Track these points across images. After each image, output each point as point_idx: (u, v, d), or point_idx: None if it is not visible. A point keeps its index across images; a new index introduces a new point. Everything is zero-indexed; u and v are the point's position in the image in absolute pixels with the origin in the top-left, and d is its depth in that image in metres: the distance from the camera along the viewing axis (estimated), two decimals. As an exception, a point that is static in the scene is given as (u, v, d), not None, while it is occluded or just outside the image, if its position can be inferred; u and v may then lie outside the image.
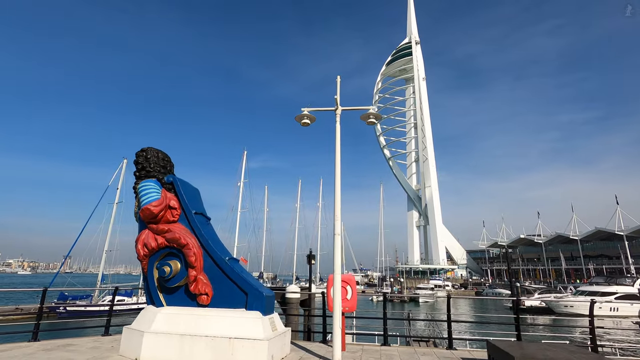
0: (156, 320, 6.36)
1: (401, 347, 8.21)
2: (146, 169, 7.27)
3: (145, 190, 6.90)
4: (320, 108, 7.61)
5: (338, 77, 7.75)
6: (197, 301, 6.56)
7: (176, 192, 7.23)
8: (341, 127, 7.35)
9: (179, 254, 6.71)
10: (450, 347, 7.87)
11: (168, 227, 6.80)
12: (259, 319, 6.12)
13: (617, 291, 40.24)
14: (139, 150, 7.51)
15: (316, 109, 7.60)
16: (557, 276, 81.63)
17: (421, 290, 60.73)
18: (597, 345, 7.30)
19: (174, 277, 6.64)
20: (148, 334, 6.16)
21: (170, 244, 6.72)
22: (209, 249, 6.80)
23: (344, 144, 7.33)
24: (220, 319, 6.20)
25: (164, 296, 6.80)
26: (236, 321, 6.12)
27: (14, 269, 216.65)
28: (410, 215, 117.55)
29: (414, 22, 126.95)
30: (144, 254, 6.85)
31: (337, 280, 6.42)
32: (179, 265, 6.68)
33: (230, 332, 5.96)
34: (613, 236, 73.52)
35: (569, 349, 5.76)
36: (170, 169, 7.78)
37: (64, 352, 6.68)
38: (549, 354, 5.29)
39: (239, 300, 6.50)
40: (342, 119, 7.43)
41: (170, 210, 7.04)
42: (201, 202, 7.79)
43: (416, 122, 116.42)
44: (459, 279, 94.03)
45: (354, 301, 7.51)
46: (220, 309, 6.45)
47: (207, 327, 6.10)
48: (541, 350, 5.52)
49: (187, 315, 6.37)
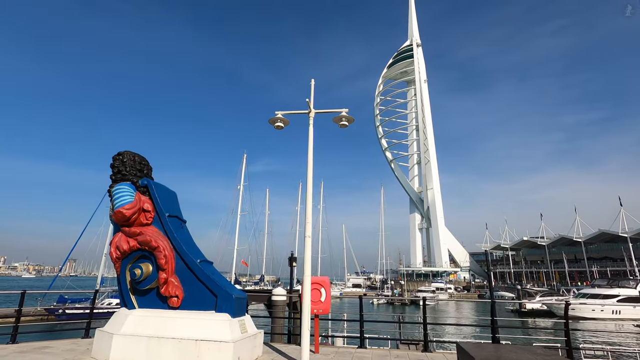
0: (126, 323, 6.41)
1: (376, 349, 8.20)
2: (122, 172, 7.35)
3: (119, 194, 6.97)
4: (294, 111, 7.66)
5: (312, 81, 7.82)
6: (168, 303, 6.61)
7: (151, 195, 7.29)
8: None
9: (151, 256, 6.76)
10: (425, 350, 7.85)
11: (140, 230, 6.86)
12: (226, 321, 6.15)
13: (619, 294, 39.81)
14: (116, 154, 7.59)
15: (290, 112, 7.65)
16: (560, 279, 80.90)
17: (422, 293, 60.41)
18: (573, 347, 7.24)
19: (145, 279, 6.69)
20: (117, 336, 6.21)
21: (142, 246, 6.78)
22: (181, 251, 6.85)
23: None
24: (189, 321, 6.24)
25: (136, 298, 6.86)
26: (204, 323, 6.16)
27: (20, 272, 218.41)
28: (413, 218, 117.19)
29: (415, 25, 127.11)
30: (116, 257, 6.91)
31: (306, 283, 6.44)
32: (150, 267, 6.73)
33: (197, 334, 5.99)
34: (617, 238, 72.84)
35: (535, 351, 5.72)
36: (148, 172, 7.85)
37: (38, 355, 6.74)
38: (512, 356, 5.27)
39: (209, 303, 6.54)
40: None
41: (144, 213, 7.11)
42: (177, 205, 7.84)
43: (418, 125, 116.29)
44: (461, 281, 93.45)
45: (327, 304, 7.52)
46: (190, 311, 6.50)
47: (175, 329, 6.14)
48: (505, 352, 5.49)
49: (156, 318, 6.41)
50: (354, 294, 71.24)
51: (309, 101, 7.24)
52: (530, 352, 5.57)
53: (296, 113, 7.65)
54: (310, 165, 7.12)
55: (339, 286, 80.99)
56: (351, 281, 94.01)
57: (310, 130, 7.38)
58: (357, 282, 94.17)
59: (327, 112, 7.59)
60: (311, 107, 7.46)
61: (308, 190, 7.01)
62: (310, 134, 7.34)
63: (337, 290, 70.19)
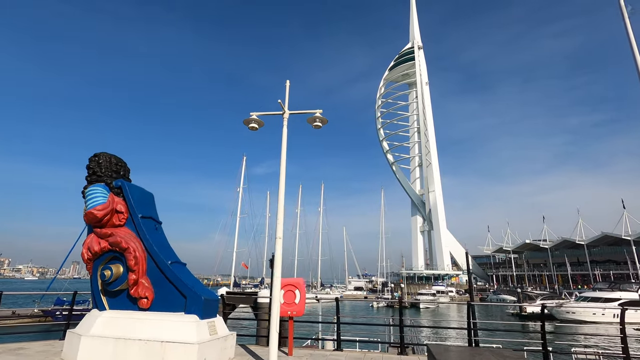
0: (95, 324, 6.40)
1: (352, 351, 8.14)
2: (97, 173, 7.37)
3: (91, 195, 6.98)
4: (268, 112, 7.65)
5: (287, 82, 7.82)
6: (138, 305, 6.60)
7: (125, 197, 7.30)
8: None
9: (122, 257, 6.76)
10: (401, 353, 7.78)
11: (111, 231, 6.86)
12: (193, 323, 6.13)
13: (621, 297, 39.35)
14: (92, 156, 7.62)
15: (264, 113, 7.65)
16: (563, 282, 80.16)
17: (422, 297, 60.07)
18: (549, 350, 7.15)
19: (116, 280, 6.68)
20: (85, 338, 6.20)
21: (113, 247, 6.78)
22: (152, 252, 6.85)
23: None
24: (157, 322, 6.23)
25: (107, 299, 6.85)
26: (171, 325, 6.14)
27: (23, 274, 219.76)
28: (414, 221, 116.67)
29: (416, 27, 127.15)
30: (87, 258, 6.92)
31: (275, 285, 6.40)
32: (121, 269, 6.73)
33: (163, 336, 5.97)
34: (620, 241, 72.09)
35: (503, 354, 5.66)
36: (125, 173, 7.87)
37: (12, 356, 6.75)
38: (476, 359, 5.21)
39: (179, 304, 6.52)
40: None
41: (117, 215, 7.12)
42: (153, 207, 7.85)
43: (419, 127, 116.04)
44: (463, 284, 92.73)
45: (301, 305, 7.47)
46: (159, 312, 6.48)
47: (143, 331, 6.12)
48: (470, 354, 5.43)
49: (125, 319, 6.40)
50: (355, 297, 70.96)
51: (281, 102, 7.23)
52: (496, 355, 5.50)
53: (270, 114, 7.65)
54: (283, 164, 7.10)
55: (339, 289, 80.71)
56: (353, 284, 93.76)
57: (284, 131, 7.36)
58: (359, 285, 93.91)
59: (301, 113, 7.58)
60: (285, 108, 7.46)
61: (280, 190, 6.98)
62: (284, 134, 7.33)
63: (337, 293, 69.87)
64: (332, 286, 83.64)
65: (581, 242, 79.07)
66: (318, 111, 7.40)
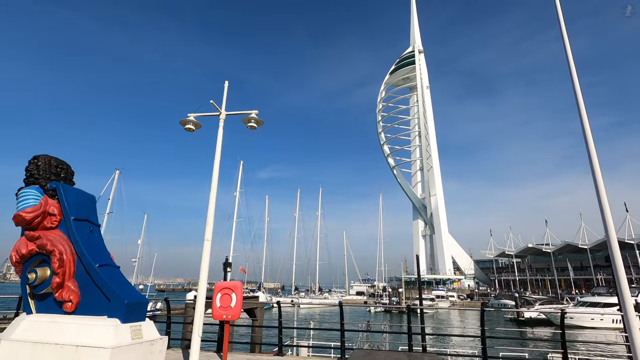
0: (19, 328, 6.31)
1: (294, 357, 7.96)
2: (34, 175, 7.33)
3: (22, 197, 6.93)
4: (205, 113, 7.58)
5: (226, 83, 7.76)
6: (63, 308, 6.50)
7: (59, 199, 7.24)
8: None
9: (50, 260, 6.69)
10: (342, 357, 7.60)
11: (40, 234, 6.79)
12: (111, 326, 6.01)
13: (620, 302, 38.62)
14: (32, 158, 7.60)
15: (201, 114, 7.58)
16: (566, 286, 78.98)
17: (420, 301, 59.32)
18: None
19: (41, 284, 6.59)
20: (5, 342, 6.11)
21: (41, 250, 6.71)
22: (81, 255, 6.77)
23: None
24: (76, 326, 6.12)
25: (35, 303, 6.77)
26: (89, 328, 6.03)
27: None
28: (416, 225, 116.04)
29: (417, 31, 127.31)
30: (16, 260, 6.84)
31: (201, 288, 6.28)
32: (47, 272, 6.64)
33: (79, 340, 5.86)
34: (623, 245, 70.84)
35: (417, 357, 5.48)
36: (67, 176, 7.82)
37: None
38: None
39: (104, 308, 6.41)
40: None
41: (49, 217, 7.05)
42: (92, 210, 7.78)
43: (420, 130, 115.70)
44: (465, 289, 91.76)
45: (237, 309, 7.33)
46: (83, 316, 6.37)
47: (60, 335, 6.02)
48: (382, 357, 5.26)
49: (47, 323, 6.30)
50: (355, 301, 70.40)
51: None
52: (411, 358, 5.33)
53: (207, 115, 7.58)
54: (217, 165, 7.02)
55: (339, 294, 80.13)
56: (354, 289, 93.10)
57: (220, 132, 7.30)
58: (361, 289, 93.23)
59: (237, 113, 7.50)
60: (222, 109, 7.39)
61: (212, 193, 6.88)
62: (220, 135, 7.26)
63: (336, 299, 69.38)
64: (331, 291, 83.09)
65: (584, 246, 77.98)
66: (254, 112, 7.32)
